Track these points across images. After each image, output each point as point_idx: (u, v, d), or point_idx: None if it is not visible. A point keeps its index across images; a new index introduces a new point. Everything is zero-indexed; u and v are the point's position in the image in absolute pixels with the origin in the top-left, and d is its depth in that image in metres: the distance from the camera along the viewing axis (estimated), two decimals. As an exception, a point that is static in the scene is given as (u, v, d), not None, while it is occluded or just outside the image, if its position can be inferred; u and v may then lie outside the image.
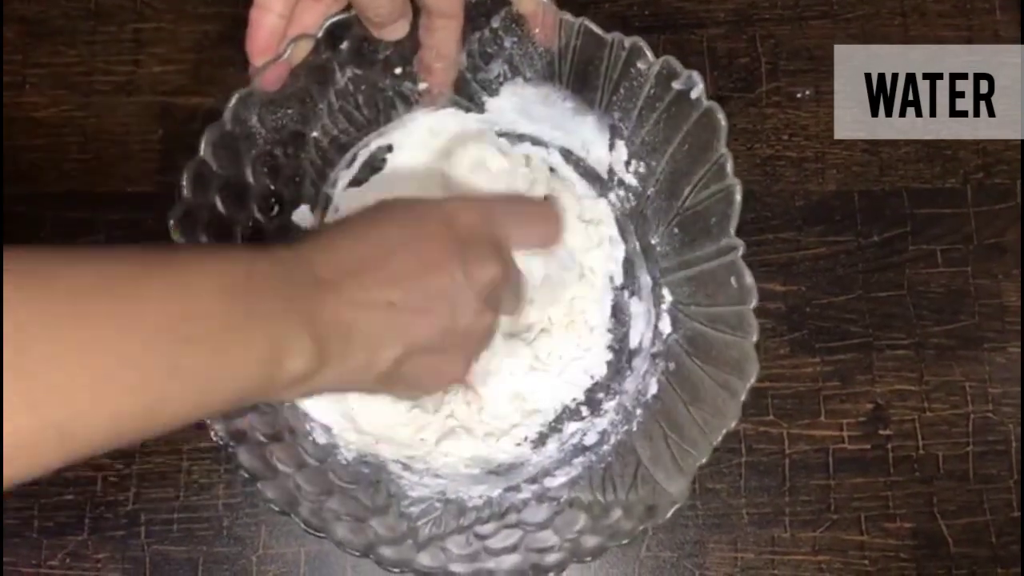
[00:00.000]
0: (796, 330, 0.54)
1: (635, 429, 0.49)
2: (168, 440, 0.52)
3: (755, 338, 0.44)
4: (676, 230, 0.49)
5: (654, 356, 0.50)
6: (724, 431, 0.44)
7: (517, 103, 0.52)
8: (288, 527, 0.51)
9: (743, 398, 0.44)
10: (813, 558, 0.52)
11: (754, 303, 0.44)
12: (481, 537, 0.46)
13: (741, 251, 0.44)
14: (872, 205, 0.56)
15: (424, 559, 0.44)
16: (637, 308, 0.52)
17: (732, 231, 0.45)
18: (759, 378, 0.49)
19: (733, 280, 0.45)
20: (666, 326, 0.50)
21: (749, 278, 0.44)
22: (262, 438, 0.45)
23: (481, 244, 0.40)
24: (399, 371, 0.38)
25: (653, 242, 0.51)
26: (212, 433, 0.43)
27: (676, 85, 0.46)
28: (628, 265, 0.53)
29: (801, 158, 0.56)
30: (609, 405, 0.51)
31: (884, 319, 0.55)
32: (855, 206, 0.56)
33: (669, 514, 0.44)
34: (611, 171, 0.52)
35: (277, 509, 0.43)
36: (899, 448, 0.53)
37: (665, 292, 0.50)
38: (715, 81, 0.57)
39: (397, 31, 0.46)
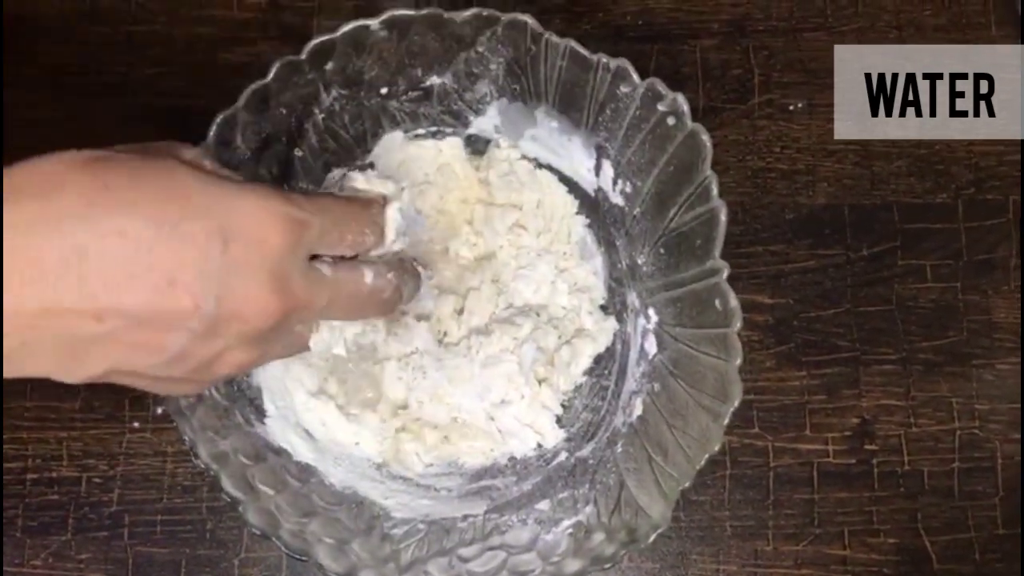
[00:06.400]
0: (783, 343, 0.54)
1: (620, 451, 0.49)
2: (153, 442, 0.52)
3: (739, 361, 0.44)
4: (662, 251, 0.49)
5: (640, 376, 0.50)
6: (707, 456, 0.44)
7: (503, 122, 0.52)
8: (271, 531, 0.51)
9: (726, 422, 0.44)
10: (796, 572, 0.52)
11: (738, 326, 0.44)
12: (464, 560, 0.46)
13: (726, 274, 0.44)
14: (862, 219, 0.56)
15: None
16: (624, 327, 0.52)
17: (717, 253, 0.45)
18: (745, 390, 0.49)
19: (717, 302, 0.45)
20: (652, 346, 0.50)
21: (734, 301, 0.44)
22: (245, 460, 0.45)
23: (256, 274, 0.32)
24: (108, 379, 0.33)
25: (639, 262, 0.51)
26: (194, 458, 0.43)
27: (661, 107, 0.46)
28: (615, 284, 0.53)
29: (792, 170, 0.56)
30: (597, 426, 0.51)
31: (872, 333, 0.54)
32: (845, 219, 0.56)
33: (651, 539, 0.44)
34: (598, 190, 0.52)
35: (258, 533, 0.42)
36: (884, 463, 0.53)
37: (651, 312, 0.50)
38: (708, 92, 0.57)
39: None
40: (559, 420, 0.51)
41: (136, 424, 0.52)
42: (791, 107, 0.57)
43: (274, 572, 0.51)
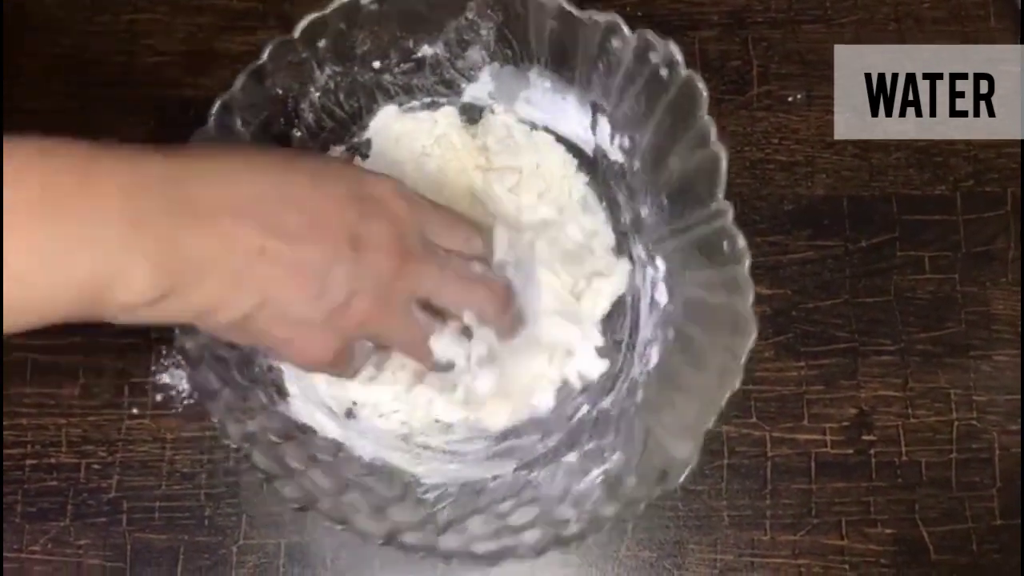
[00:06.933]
0: (781, 333, 0.54)
1: (641, 399, 0.48)
2: (152, 429, 0.52)
3: (751, 298, 0.43)
4: (665, 200, 0.49)
5: (653, 326, 0.50)
6: (729, 393, 0.44)
7: (496, 87, 0.52)
8: (269, 518, 0.51)
9: (744, 359, 0.44)
10: (793, 562, 0.52)
11: (747, 264, 0.44)
12: (500, 516, 0.46)
13: (731, 214, 0.44)
14: (861, 210, 0.56)
15: (447, 541, 0.44)
16: (633, 279, 0.52)
17: (720, 195, 0.44)
18: (742, 380, 0.49)
19: (725, 244, 0.44)
20: (662, 295, 0.50)
21: (741, 240, 0.44)
22: (274, 438, 0.45)
23: (384, 232, 0.39)
24: (250, 325, 0.37)
25: (643, 214, 0.51)
26: (224, 439, 0.43)
27: (654, 58, 0.46)
28: (621, 239, 0.53)
29: (791, 162, 0.56)
30: (615, 378, 0.51)
31: (870, 324, 0.54)
32: (844, 211, 0.56)
33: (682, 478, 0.44)
34: (596, 147, 0.52)
35: (295, 507, 0.43)
36: (882, 454, 0.53)
37: (659, 262, 0.50)
38: (706, 83, 0.56)
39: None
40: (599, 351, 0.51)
41: (135, 411, 0.52)
42: (790, 99, 0.57)
43: (272, 559, 0.51)
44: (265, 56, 0.45)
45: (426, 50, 0.51)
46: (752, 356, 0.53)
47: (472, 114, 0.54)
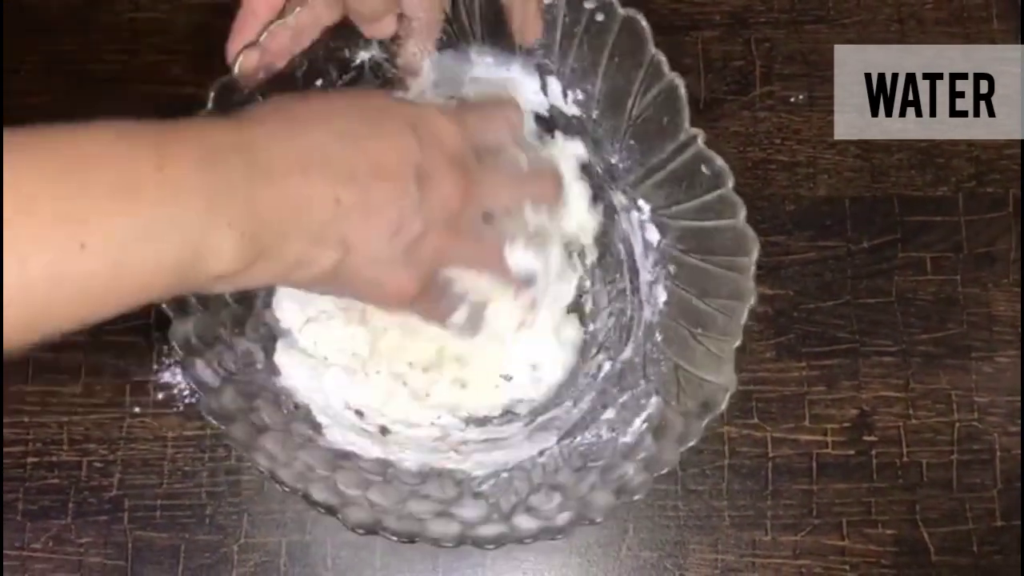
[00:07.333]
0: (783, 334, 0.54)
1: (660, 339, 0.49)
2: (153, 428, 0.52)
3: (744, 214, 0.44)
4: (632, 142, 0.49)
5: (652, 266, 0.50)
6: (748, 308, 0.44)
7: (440, 75, 0.52)
8: (270, 517, 0.51)
9: (753, 271, 0.44)
10: (793, 562, 0.52)
11: (731, 184, 0.44)
12: (560, 487, 0.46)
13: (702, 139, 0.45)
14: (863, 211, 0.56)
15: (521, 523, 0.44)
16: (619, 225, 0.52)
17: (686, 124, 0.45)
18: (744, 380, 0.49)
19: (704, 168, 0.45)
20: (653, 234, 0.50)
21: (719, 161, 0.44)
22: (323, 472, 0.45)
23: (443, 160, 0.40)
24: (338, 274, 0.38)
25: (613, 161, 0.50)
26: (278, 485, 0.43)
27: (588, 5, 0.46)
28: (597, 191, 0.53)
29: (793, 162, 0.56)
30: (629, 326, 0.51)
31: (871, 325, 0.55)
32: (846, 212, 0.56)
33: (725, 404, 0.44)
34: (551, 108, 0.52)
35: (362, 532, 0.43)
36: (883, 455, 0.53)
37: (641, 203, 0.50)
38: (709, 84, 0.57)
39: (385, 28, 0.46)
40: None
41: (137, 409, 0.52)
42: (792, 99, 0.57)
43: (273, 558, 0.51)
44: (211, 103, 0.45)
45: (363, 55, 0.50)
46: (753, 356, 0.54)
47: None
